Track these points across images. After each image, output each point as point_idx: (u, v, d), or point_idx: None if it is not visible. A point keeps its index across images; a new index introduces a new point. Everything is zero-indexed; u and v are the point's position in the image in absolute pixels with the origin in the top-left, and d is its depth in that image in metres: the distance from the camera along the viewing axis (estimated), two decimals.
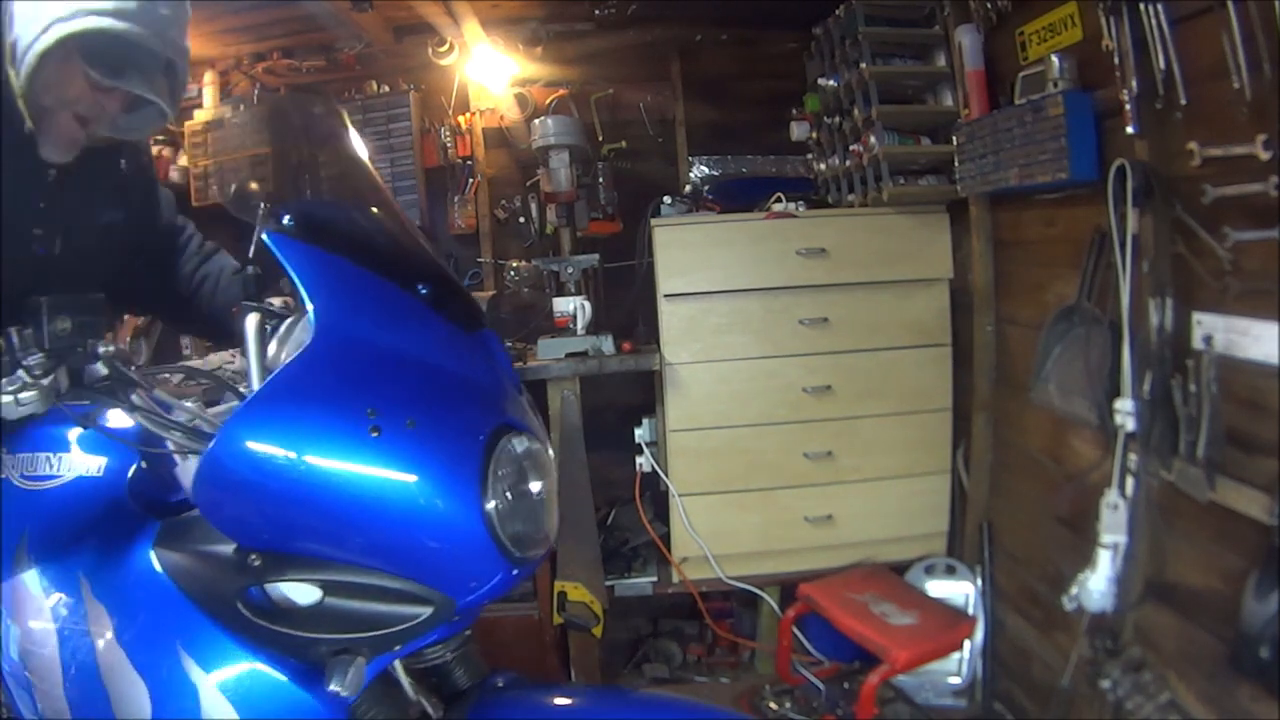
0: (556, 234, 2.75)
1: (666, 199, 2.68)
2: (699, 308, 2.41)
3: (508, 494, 0.85)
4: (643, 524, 2.53)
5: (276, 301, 1.08)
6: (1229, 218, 1.36)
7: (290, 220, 0.92)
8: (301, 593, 0.85)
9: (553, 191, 2.66)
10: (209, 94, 3.00)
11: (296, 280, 0.86)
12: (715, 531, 2.45)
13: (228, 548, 0.86)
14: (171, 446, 0.93)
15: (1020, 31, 1.92)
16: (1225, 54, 1.30)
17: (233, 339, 1.35)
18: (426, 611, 0.83)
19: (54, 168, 1.13)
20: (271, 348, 0.99)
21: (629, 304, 2.77)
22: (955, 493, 2.48)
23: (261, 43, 2.90)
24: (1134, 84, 1.51)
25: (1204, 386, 1.39)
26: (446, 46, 2.82)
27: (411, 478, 0.80)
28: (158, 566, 0.93)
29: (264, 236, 0.90)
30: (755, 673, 2.62)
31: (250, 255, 1.13)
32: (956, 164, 2.12)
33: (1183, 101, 1.43)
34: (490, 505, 0.82)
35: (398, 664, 0.95)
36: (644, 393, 2.60)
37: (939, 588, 2.40)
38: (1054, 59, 1.73)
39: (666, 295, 2.41)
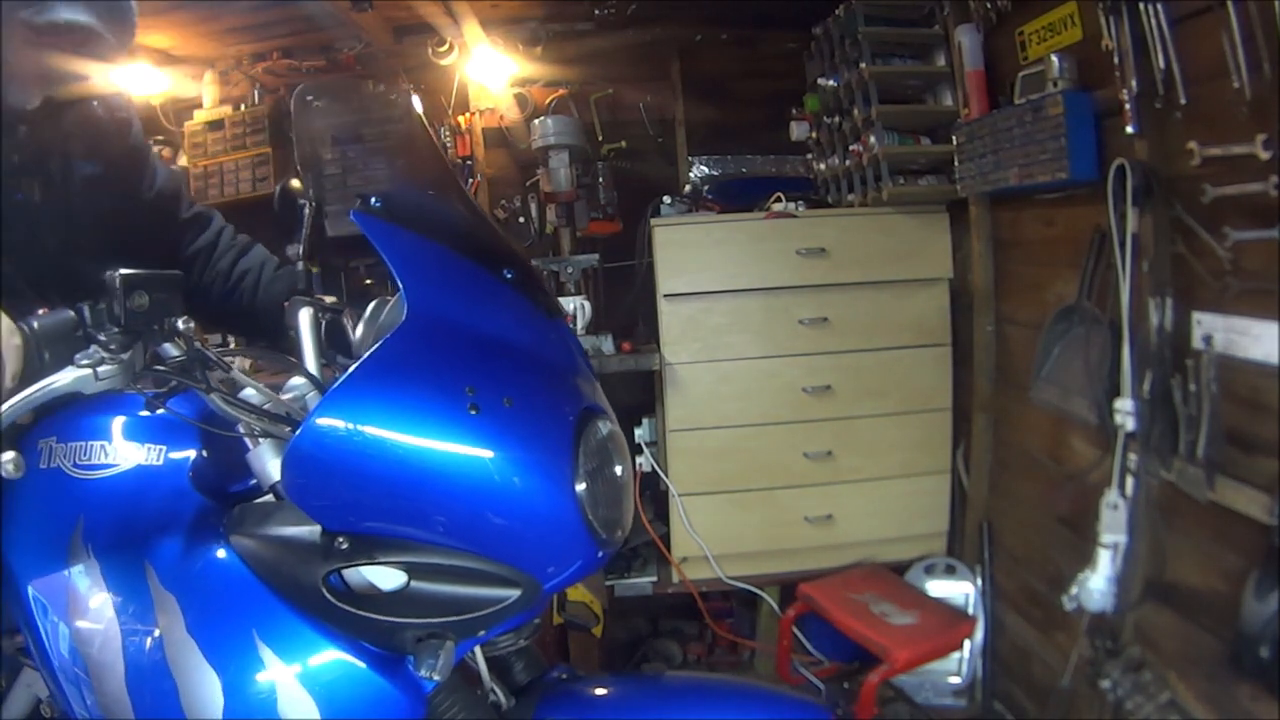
0: (556, 234, 2.75)
1: (666, 199, 2.68)
2: (699, 307, 2.41)
3: (594, 476, 0.84)
4: (643, 524, 2.53)
5: (328, 299, 1.07)
6: (1229, 217, 1.36)
7: (379, 203, 0.91)
8: (386, 576, 0.83)
9: (552, 191, 2.66)
10: (209, 94, 3.00)
11: (388, 260, 0.85)
12: (715, 531, 2.45)
13: (310, 531, 0.84)
14: (244, 430, 0.90)
15: (1020, 31, 1.92)
16: (1225, 53, 1.30)
17: (276, 336, 1.28)
18: (514, 594, 0.82)
19: (24, 123, 1.10)
20: (359, 330, 0.97)
21: (629, 304, 2.77)
22: (955, 493, 2.48)
23: (261, 43, 2.90)
24: (1134, 83, 1.51)
25: (1204, 386, 1.39)
26: (446, 46, 2.82)
27: (508, 456, 0.79)
28: (232, 553, 0.90)
29: (353, 218, 0.88)
30: (755, 673, 2.61)
31: (303, 252, 1.14)
32: (956, 164, 2.12)
33: (1182, 101, 1.43)
34: (580, 486, 0.81)
35: (477, 650, 0.94)
36: (644, 392, 2.60)
37: (939, 587, 2.40)
38: (1054, 59, 1.73)
39: (666, 295, 2.41)
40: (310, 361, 0.98)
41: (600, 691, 0.99)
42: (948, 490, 2.48)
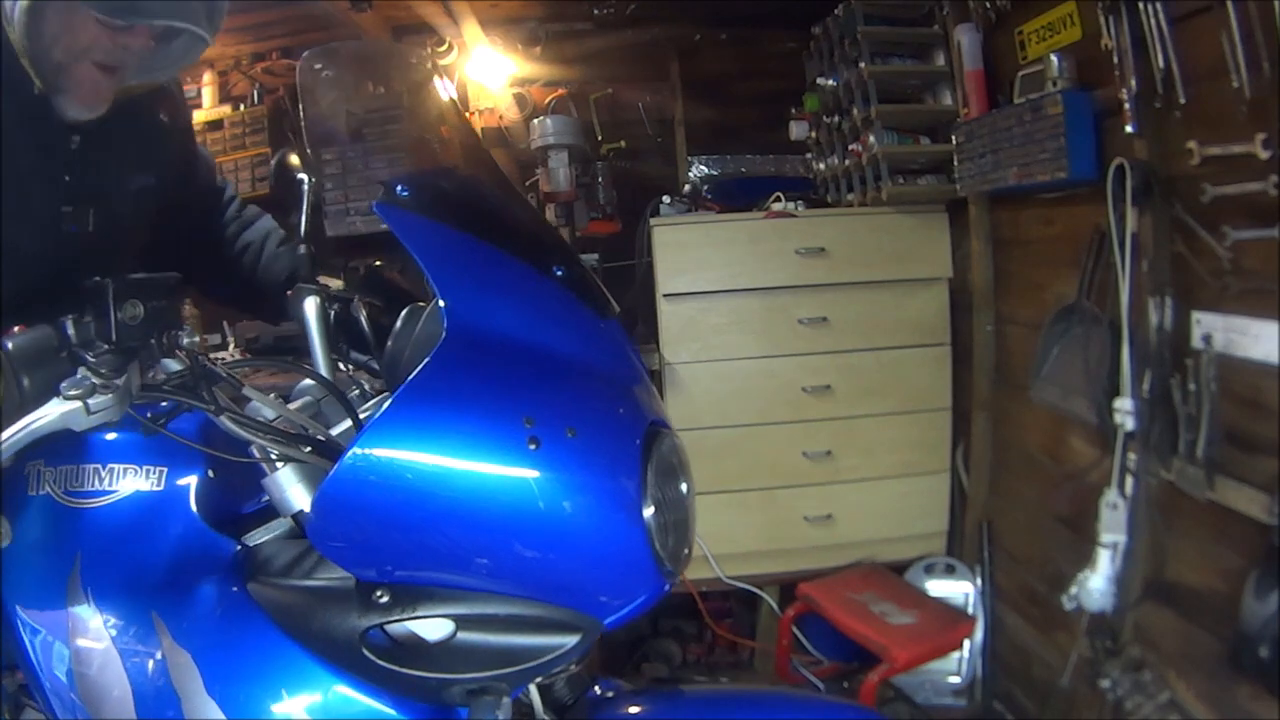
0: None
1: (666, 198, 2.68)
2: (698, 307, 2.41)
3: (661, 501, 0.76)
4: None
5: (333, 283, 0.97)
6: (1228, 217, 1.36)
7: (405, 191, 0.79)
8: (432, 626, 0.74)
9: (552, 191, 2.66)
10: (208, 94, 3.00)
11: (421, 261, 0.74)
12: (715, 531, 2.45)
13: (342, 581, 0.75)
14: (257, 453, 0.79)
15: (1019, 31, 1.92)
16: (1224, 53, 1.30)
17: (277, 315, 1.18)
18: (572, 640, 0.73)
19: (77, 133, 0.96)
20: (391, 344, 0.86)
21: (628, 304, 2.77)
22: (955, 492, 2.47)
23: (261, 43, 2.90)
24: (1133, 83, 1.51)
25: (1203, 385, 1.39)
26: (445, 46, 2.82)
27: (573, 495, 0.70)
28: (252, 603, 0.79)
29: (375, 209, 0.77)
30: (755, 672, 2.61)
31: (302, 233, 1.02)
32: (955, 163, 2.12)
33: (1182, 100, 1.42)
34: (649, 512, 0.73)
35: (531, 685, 0.86)
36: None
37: (938, 587, 2.39)
38: (1053, 58, 1.73)
39: (666, 295, 2.41)
40: (320, 357, 0.89)
41: (650, 706, 0.93)
42: (947, 490, 2.48)
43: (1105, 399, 1.63)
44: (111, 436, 0.87)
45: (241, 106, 2.98)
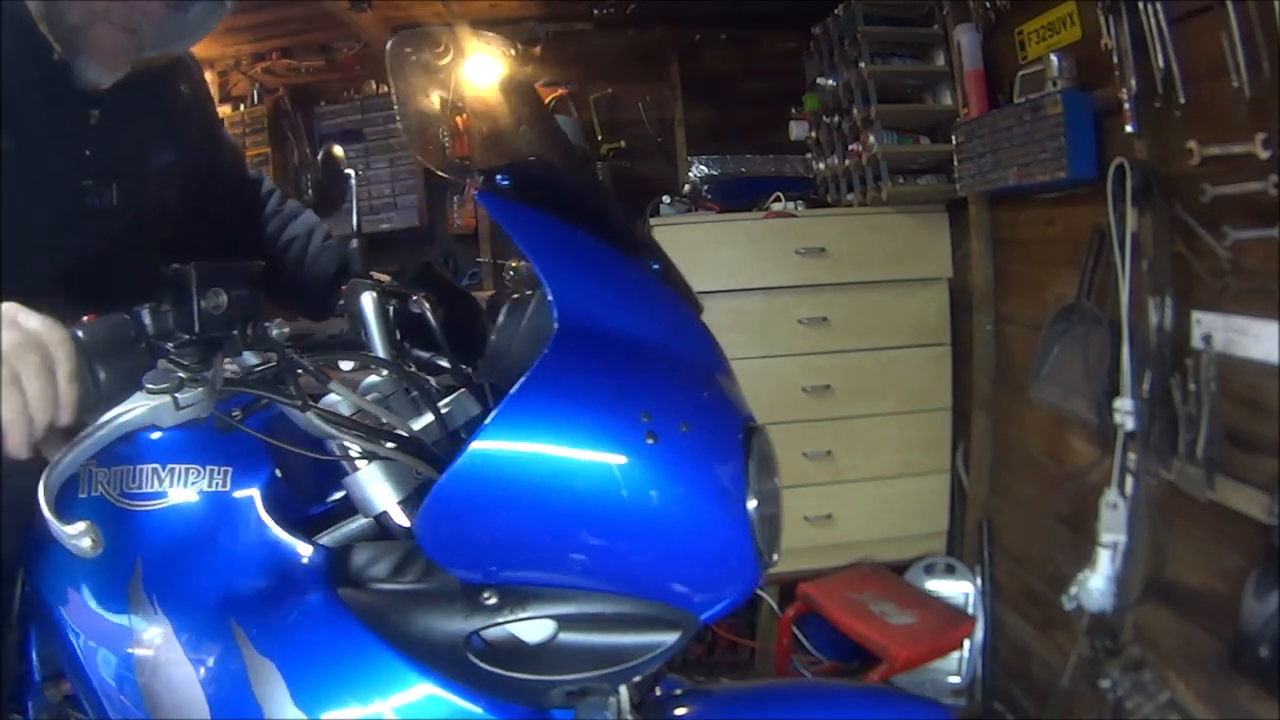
0: None
1: (666, 198, 2.68)
2: None
3: (760, 495, 0.75)
4: None
5: (384, 276, 0.95)
6: (1228, 216, 1.36)
7: (506, 180, 0.77)
8: (533, 629, 0.73)
9: None
10: None
11: (528, 252, 0.73)
12: None
13: (444, 583, 0.72)
14: (336, 450, 0.76)
15: (1019, 31, 1.92)
16: (1224, 52, 1.30)
17: (321, 312, 1.15)
18: (673, 637, 0.72)
19: (96, 107, 0.94)
20: (495, 337, 0.83)
21: None
22: (955, 492, 2.47)
23: (261, 43, 2.91)
24: (1133, 83, 1.51)
25: (1203, 385, 1.39)
26: (443, 47, 2.82)
27: (689, 489, 0.69)
28: (342, 607, 0.75)
29: (479, 199, 0.75)
30: (755, 672, 2.61)
31: (355, 227, 1.01)
32: (955, 163, 2.12)
33: (1182, 100, 1.42)
34: (751, 505, 0.72)
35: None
36: None
37: (938, 587, 2.39)
38: (1053, 58, 1.73)
39: None
40: (381, 353, 0.86)
41: (723, 703, 0.91)
42: (947, 490, 2.48)
43: (1105, 399, 1.63)
44: (158, 435, 0.81)
45: (241, 106, 2.99)
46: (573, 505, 0.67)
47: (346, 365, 0.89)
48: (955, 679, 2.31)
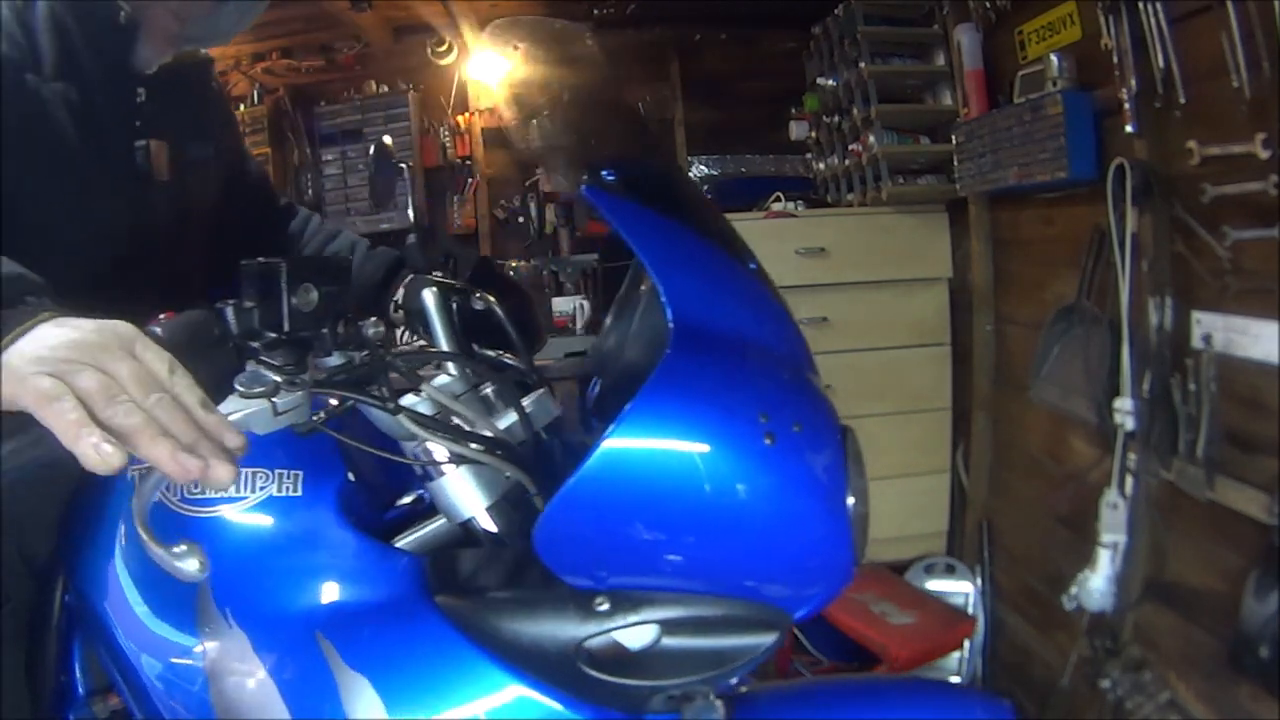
0: (555, 234, 2.75)
1: None
2: None
3: (857, 493, 0.74)
4: None
5: (439, 275, 0.93)
6: (1228, 216, 1.36)
7: (612, 175, 0.76)
8: (637, 635, 0.71)
9: (552, 191, 2.66)
10: None
11: (638, 249, 0.71)
12: None
13: (553, 590, 0.70)
14: (420, 453, 0.73)
15: (1019, 30, 1.92)
16: (1224, 52, 1.30)
17: (371, 312, 1.12)
18: (771, 637, 0.71)
19: (142, 86, 0.98)
20: (611, 339, 0.81)
21: None
22: (955, 492, 2.47)
23: (261, 43, 2.90)
24: (1133, 83, 1.51)
25: (1203, 385, 1.39)
26: (445, 46, 2.82)
27: (802, 489, 0.69)
28: (441, 618, 0.71)
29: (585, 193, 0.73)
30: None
31: (412, 219, 0.99)
32: (955, 163, 2.12)
33: (1182, 100, 1.43)
34: (850, 501, 0.72)
35: None
36: None
37: (938, 587, 2.39)
38: (1053, 58, 1.73)
39: None
40: (448, 349, 0.84)
41: (783, 697, 0.89)
42: (947, 490, 2.48)
43: (1105, 399, 1.63)
44: None
45: (241, 106, 2.98)
46: (692, 505, 0.66)
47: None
48: (955, 679, 2.31)
